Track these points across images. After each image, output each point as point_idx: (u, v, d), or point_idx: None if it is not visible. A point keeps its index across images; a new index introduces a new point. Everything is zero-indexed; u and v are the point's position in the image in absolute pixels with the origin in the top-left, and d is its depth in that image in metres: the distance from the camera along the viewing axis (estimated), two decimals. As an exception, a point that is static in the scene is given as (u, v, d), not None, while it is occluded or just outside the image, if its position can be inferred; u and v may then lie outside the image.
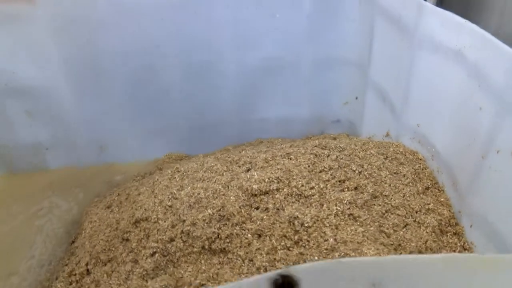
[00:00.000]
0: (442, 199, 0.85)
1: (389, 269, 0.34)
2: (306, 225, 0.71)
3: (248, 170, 0.86)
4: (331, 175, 0.81)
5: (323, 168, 0.83)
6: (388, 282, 0.34)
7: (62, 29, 1.19)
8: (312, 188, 0.77)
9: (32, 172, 1.38)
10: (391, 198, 0.81)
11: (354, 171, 0.83)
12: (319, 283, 0.32)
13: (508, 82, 0.68)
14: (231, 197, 0.77)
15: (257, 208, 0.76)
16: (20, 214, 1.24)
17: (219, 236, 0.74)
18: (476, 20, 1.39)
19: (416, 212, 0.80)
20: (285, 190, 0.77)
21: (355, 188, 0.79)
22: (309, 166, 0.84)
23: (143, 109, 1.34)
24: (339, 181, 0.80)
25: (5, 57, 1.20)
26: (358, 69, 1.27)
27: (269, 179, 0.78)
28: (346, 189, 0.79)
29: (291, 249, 0.69)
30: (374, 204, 0.78)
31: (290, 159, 0.87)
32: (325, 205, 0.74)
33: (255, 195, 0.77)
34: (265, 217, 0.73)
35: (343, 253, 0.67)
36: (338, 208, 0.73)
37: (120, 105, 1.32)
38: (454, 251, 0.76)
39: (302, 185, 0.77)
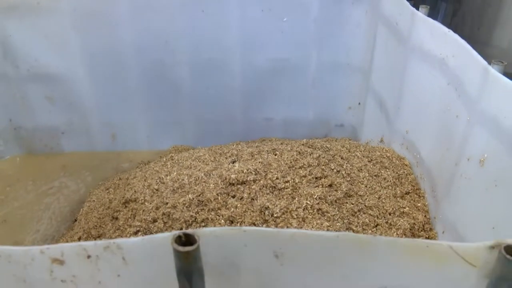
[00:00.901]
0: (419, 204, 0.87)
1: (292, 241, 0.38)
2: (275, 215, 0.75)
3: (233, 162, 0.91)
4: (309, 172, 0.85)
5: (302, 164, 0.86)
6: (290, 254, 0.38)
7: (82, 22, 1.27)
8: (286, 181, 0.81)
9: (47, 154, 1.47)
10: (366, 199, 0.84)
11: (332, 169, 0.86)
12: (221, 248, 0.36)
13: (480, 92, 0.70)
14: (211, 184, 0.82)
15: (233, 197, 0.80)
16: (32, 191, 1.33)
17: (196, 219, 0.79)
18: (489, 34, 1.39)
19: (389, 214, 0.83)
20: (261, 181, 0.81)
21: (329, 186, 0.82)
22: (290, 162, 0.87)
23: (154, 102, 1.41)
24: (315, 178, 0.83)
25: (29, 45, 1.29)
26: (361, 75, 1.29)
27: (247, 170, 0.82)
28: (320, 186, 0.82)
29: (258, 236, 0.73)
30: (347, 203, 0.81)
31: (275, 154, 0.91)
32: (296, 199, 0.78)
33: (233, 184, 0.81)
34: (239, 205, 0.78)
35: (305, 244, 0.70)
36: (308, 202, 0.77)
37: (133, 96, 1.39)
38: (422, 253, 0.78)
39: (277, 178, 0.81)
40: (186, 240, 0.34)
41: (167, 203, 0.83)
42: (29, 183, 1.36)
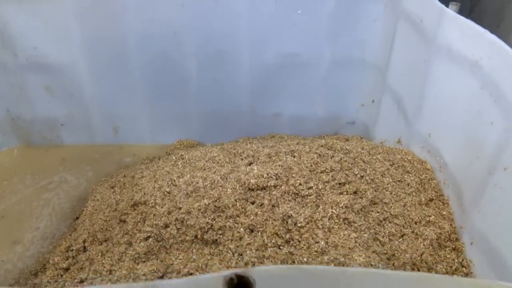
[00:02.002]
0: (444, 213, 0.83)
1: (353, 282, 0.33)
2: (299, 224, 0.70)
3: (250, 163, 0.86)
4: (331, 176, 0.80)
5: (324, 168, 0.82)
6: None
7: (85, 8, 1.20)
8: (310, 188, 0.76)
9: (46, 147, 1.41)
10: (391, 206, 0.79)
11: (356, 174, 0.82)
12: None
13: (522, 98, 0.66)
14: (228, 189, 0.77)
15: (252, 203, 0.75)
16: (30, 186, 1.27)
17: (212, 227, 0.74)
18: (509, 32, 1.34)
19: (416, 223, 0.79)
20: (282, 187, 0.76)
21: (354, 193, 0.78)
22: (311, 166, 0.83)
23: (158, 94, 1.35)
24: (339, 184, 0.79)
25: (28, 33, 1.22)
26: (376, 72, 1.24)
27: (267, 174, 0.78)
28: (345, 193, 0.77)
29: (281, 247, 0.69)
30: (372, 211, 0.77)
31: (294, 156, 0.87)
32: (320, 207, 0.73)
33: (252, 189, 0.76)
34: (259, 212, 0.73)
35: (332, 257, 0.66)
36: (334, 211, 0.72)
37: (136, 88, 1.33)
38: (451, 267, 0.74)
39: (300, 184, 0.76)
40: (239, 281, 0.29)
41: (180, 208, 0.78)
42: (27, 177, 1.30)
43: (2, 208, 1.19)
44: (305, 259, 0.67)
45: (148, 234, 0.78)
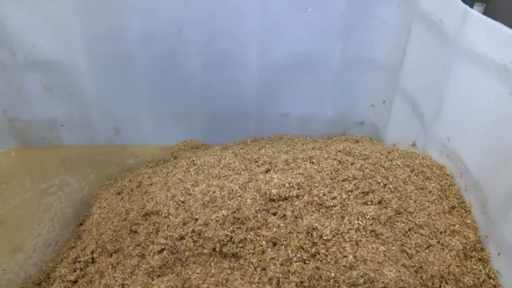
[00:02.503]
0: (468, 221, 0.81)
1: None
2: (325, 237, 0.67)
3: (267, 171, 0.82)
4: (354, 185, 0.77)
5: (346, 176, 0.78)
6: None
7: (86, 6, 1.15)
8: (334, 198, 0.73)
9: (45, 147, 1.36)
10: (415, 216, 0.77)
11: (379, 183, 0.79)
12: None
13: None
14: (248, 200, 0.73)
15: (274, 214, 0.72)
16: (30, 189, 1.22)
17: (232, 239, 0.71)
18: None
19: (441, 233, 0.76)
20: (305, 197, 0.73)
21: (379, 202, 0.75)
22: (331, 173, 0.79)
23: (161, 94, 1.31)
24: (363, 193, 0.76)
25: (26, 30, 1.17)
26: (388, 73, 1.21)
27: (289, 184, 0.74)
28: (370, 202, 0.74)
29: (307, 262, 0.66)
30: (397, 221, 0.74)
31: (312, 163, 0.83)
32: (346, 218, 0.70)
33: (273, 200, 0.73)
34: (282, 224, 0.70)
35: (362, 273, 0.63)
36: (360, 222, 0.69)
37: (139, 87, 1.29)
38: (478, 279, 0.72)
39: (324, 194, 0.73)
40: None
41: (196, 219, 0.74)
42: (27, 180, 1.25)
43: (1, 213, 1.14)
44: (333, 274, 0.64)
45: (163, 247, 0.74)
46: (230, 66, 1.25)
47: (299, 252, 0.66)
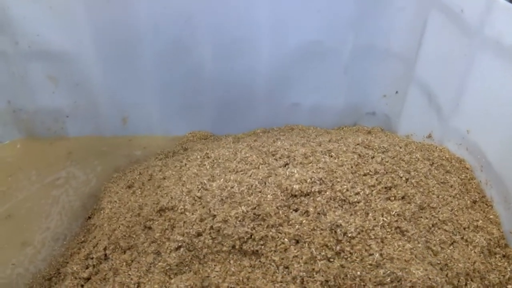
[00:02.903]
0: (491, 216, 0.79)
1: None
2: (349, 235, 0.65)
3: (286, 164, 0.80)
4: (376, 180, 0.75)
5: (368, 171, 0.76)
6: None
7: (93, -6, 1.12)
8: (357, 193, 0.71)
9: (51, 139, 1.33)
10: (439, 211, 0.75)
11: (401, 177, 0.77)
12: None
13: None
14: (268, 195, 0.71)
15: (296, 210, 0.70)
16: (36, 182, 1.20)
17: (252, 236, 0.69)
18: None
19: (464, 228, 0.74)
20: (327, 193, 0.71)
21: (403, 198, 0.73)
22: (352, 167, 0.77)
23: (169, 84, 1.28)
24: (385, 188, 0.74)
25: (30, 18, 1.14)
26: (402, 62, 1.18)
27: (311, 179, 0.72)
28: (393, 198, 0.72)
29: (331, 260, 0.64)
30: (421, 217, 0.72)
31: (331, 156, 0.81)
32: (370, 214, 0.68)
33: (295, 195, 0.71)
34: (304, 221, 0.68)
35: (389, 271, 0.61)
36: (385, 219, 0.67)
37: (146, 76, 1.26)
38: (504, 276, 0.70)
39: (347, 190, 0.71)
40: None
41: (214, 216, 0.72)
42: (33, 172, 1.23)
43: (9, 207, 1.12)
44: (359, 273, 0.62)
45: (179, 244, 0.72)
46: (240, 55, 1.22)
47: (323, 250, 0.64)
